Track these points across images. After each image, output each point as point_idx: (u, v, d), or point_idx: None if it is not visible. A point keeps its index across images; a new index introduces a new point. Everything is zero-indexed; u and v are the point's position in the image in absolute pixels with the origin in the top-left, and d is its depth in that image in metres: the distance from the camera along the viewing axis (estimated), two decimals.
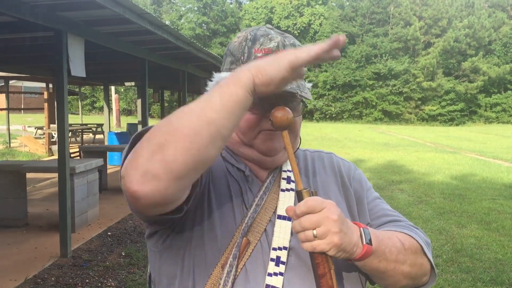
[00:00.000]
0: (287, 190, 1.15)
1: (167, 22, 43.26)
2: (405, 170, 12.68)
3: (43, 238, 5.96)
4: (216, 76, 1.15)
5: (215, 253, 1.05)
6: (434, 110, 46.52)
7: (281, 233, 1.08)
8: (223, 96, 0.87)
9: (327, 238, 0.92)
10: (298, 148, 1.21)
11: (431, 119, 46.68)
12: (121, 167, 0.91)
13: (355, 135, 26.83)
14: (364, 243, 0.99)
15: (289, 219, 1.09)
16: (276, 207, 1.12)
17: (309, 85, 1.16)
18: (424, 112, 47.15)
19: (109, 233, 6.34)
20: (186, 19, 57.19)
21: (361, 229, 1.00)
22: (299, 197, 0.97)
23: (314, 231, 0.92)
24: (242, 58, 1.09)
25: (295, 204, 1.11)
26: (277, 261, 1.05)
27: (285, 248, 1.06)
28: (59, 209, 5.32)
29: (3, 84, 17.03)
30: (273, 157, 1.14)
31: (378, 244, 1.01)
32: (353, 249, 0.97)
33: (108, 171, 10.27)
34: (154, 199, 0.85)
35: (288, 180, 1.16)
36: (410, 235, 1.13)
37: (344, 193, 1.22)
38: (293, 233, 1.07)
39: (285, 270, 1.05)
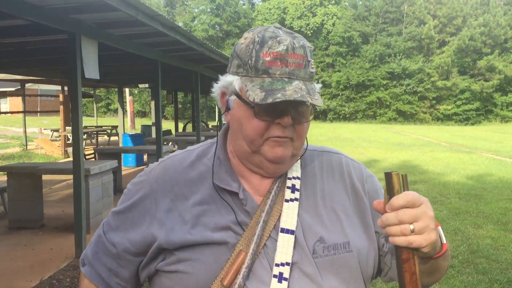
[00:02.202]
0: (291, 200, 1.10)
1: (181, 24, 43.39)
2: (420, 170, 12.56)
3: (58, 239, 6.01)
4: (222, 79, 1.12)
5: (213, 269, 1.04)
6: (449, 110, 46.08)
7: (284, 247, 1.04)
8: None
9: (424, 234, 0.92)
10: (304, 152, 1.16)
11: (446, 118, 46.24)
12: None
13: (369, 135, 26.67)
14: (444, 241, 1.02)
15: (292, 232, 1.06)
16: (279, 219, 1.08)
17: (319, 86, 1.11)
18: (439, 112, 46.73)
19: None
20: (199, 20, 57.42)
21: (439, 227, 1.01)
22: (387, 178, 0.94)
23: (412, 226, 0.91)
24: (249, 62, 1.04)
25: (299, 214, 1.08)
26: (280, 278, 1.02)
27: (287, 264, 1.03)
28: (74, 210, 5.37)
29: (20, 87, 17.25)
30: (279, 164, 1.10)
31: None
32: (437, 247, 0.99)
33: (123, 172, 10.34)
34: None
35: (293, 189, 1.12)
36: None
37: (354, 199, 1.17)
38: (296, 248, 1.05)
39: (288, 286, 1.02)
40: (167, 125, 26.59)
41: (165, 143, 11.75)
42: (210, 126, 22.32)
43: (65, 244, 5.78)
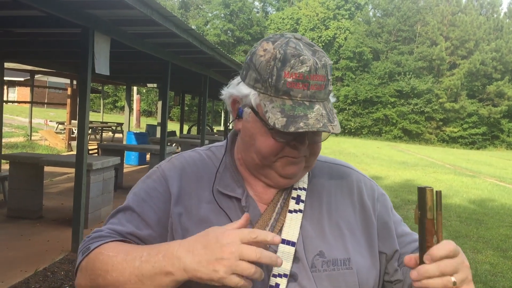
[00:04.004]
0: (295, 211, 1.08)
1: (193, 27, 43.73)
2: None
3: (56, 232, 6.00)
4: (235, 87, 1.09)
5: None
6: (456, 132, 45.98)
7: (283, 259, 1.01)
8: (153, 283, 0.94)
9: (464, 286, 0.89)
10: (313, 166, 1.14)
11: (452, 141, 46.13)
12: (76, 273, 1.09)
13: (373, 152, 26.61)
14: None
15: (292, 244, 1.04)
16: (281, 230, 1.06)
17: (334, 99, 1.08)
18: (445, 134, 46.64)
19: None
20: (212, 25, 57.67)
21: None
22: (420, 193, 0.91)
23: (453, 278, 0.87)
24: (270, 80, 0.99)
25: (302, 226, 1.06)
26: None
27: (285, 275, 1.01)
28: (74, 204, 5.36)
29: (29, 77, 17.32)
30: (291, 179, 1.08)
31: None
32: None
33: (125, 170, 10.34)
34: None
35: (298, 200, 1.10)
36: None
37: (361, 217, 1.14)
38: (295, 260, 1.03)
39: None
40: (172, 126, 26.64)
41: (169, 144, 11.76)
42: (215, 131, 22.35)
43: (62, 237, 5.77)
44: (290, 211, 1.08)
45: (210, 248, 0.88)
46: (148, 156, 13.33)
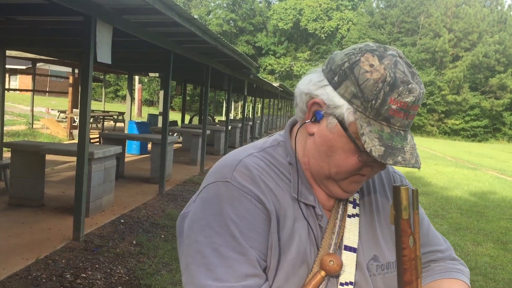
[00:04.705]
0: (353, 215, 1.07)
1: (196, 17, 43.52)
2: (423, 183, 12.51)
3: (57, 220, 6.01)
4: (320, 89, 1.00)
5: (291, 286, 0.99)
6: (457, 125, 45.93)
7: (347, 266, 1.01)
8: None
9: None
10: None
11: (454, 133, 46.08)
12: None
13: None
14: None
15: (354, 250, 1.03)
16: (342, 236, 1.05)
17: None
18: (446, 126, 46.58)
19: (122, 221, 6.38)
20: (215, 14, 57.43)
21: None
22: (395, 192, 0.90)
23: None
24: (373, 102, 0.93)
25: (360, 231, 1.06)
26: None
27: (351, 283, 1.01)
28: (75, 192, 5.36)
29: (31, 66, 17.29)
30: (350, 194, 1.07)
31: None
32: None
33: (126, 159, 10.36)
34: None
35: (354, 204, 1.09)
36: (462, 281, 1.14)
37: None
38: (357, 266, 1.03)
39: None
40: (174, 116, 26.61)
41: (170, 133, 11.75)
42: (216, 121, 22.32)
43: (63, 225, 5.79)
44: (349, 216, 1.07)
45: None
46: (149, 145, 13.35)
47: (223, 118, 27.37)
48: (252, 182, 0.98)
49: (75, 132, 14.48)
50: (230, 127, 15.39)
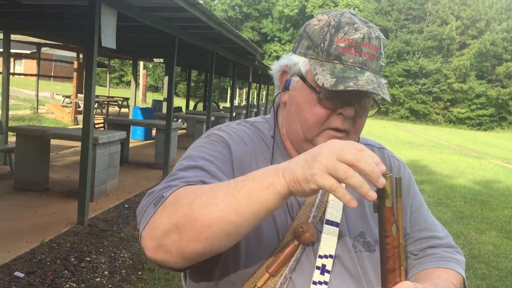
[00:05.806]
0: None
1: (201, 2, 43.26)
2: (427, 171, 12.49)
3: (61, 204, 6.05)
4: (286, 57, 1.09)
5: (260, 251, 1.01)
6: (463, 113, 45.72)
7: (328, 240, 1.03)
8: (252, 199, 0.82)
9: None
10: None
11: (459, 122, 45.90)
12: (140, 226, 0.92)
13: (378, 131, 26.51)
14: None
15: (336, 224, 1.04)
16: (324, 211, 1.06)
17: (385, 81, 1.07)
18: (452, 114, 46.38)
19: (126, 206, 6.41)
20: (220, 0, 57.02)
21: None
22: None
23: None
24: (322, 45, 1.00)
25: (344, 208, 1.06)
26: (323, 270, 1.01)
27: (331, 256, 1.02)
28: (80, 177, 5.38)
29: (35, 50, 17.27)
30: None
31: None
32: None
33: (130, 144, 10.37)
34: (166, 266, 0.91)
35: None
36: (456, 271, 1.12)
37: None
38: (339, 241, 1.03)
39: (329, 279, 1.01)
40: (178, 102, 26.59)
41: (174, 119, 11.75)
42: (221, 107, 22.29)
43: (67, 209, 5.82)
44: None
45: (310, 152, 0.82)
46: (154, 131, 13.36)
47: (228, 104, 27.33)
48: (229, 137, 1.09)
49: (80, 117, 14.50)
50: (234, 113, 15.38)
